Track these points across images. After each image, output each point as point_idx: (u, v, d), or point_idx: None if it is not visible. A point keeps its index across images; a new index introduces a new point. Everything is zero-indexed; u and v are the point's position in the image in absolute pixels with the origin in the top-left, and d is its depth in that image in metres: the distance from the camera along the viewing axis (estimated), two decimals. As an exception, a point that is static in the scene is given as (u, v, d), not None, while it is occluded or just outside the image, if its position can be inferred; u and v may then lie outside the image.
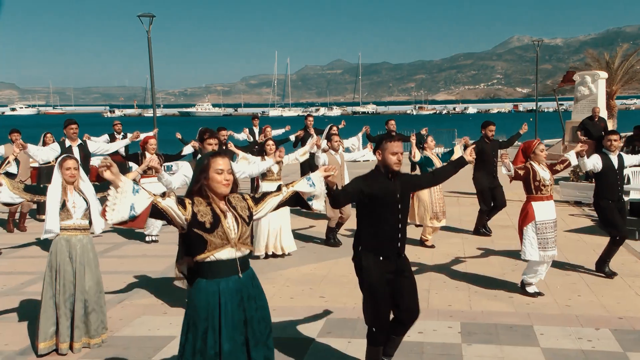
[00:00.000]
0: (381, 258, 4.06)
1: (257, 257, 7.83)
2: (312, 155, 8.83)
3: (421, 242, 8.52)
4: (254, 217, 3.35)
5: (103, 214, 2.95)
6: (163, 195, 3.11)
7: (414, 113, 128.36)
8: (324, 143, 9.07)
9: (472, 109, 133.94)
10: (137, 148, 9.24)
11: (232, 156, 7.67)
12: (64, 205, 4.79)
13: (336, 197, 3.91)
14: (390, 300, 4.09)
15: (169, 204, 3.05)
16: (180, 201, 3.10)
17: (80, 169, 4.97)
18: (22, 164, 10.07)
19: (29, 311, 5.91)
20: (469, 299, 6.14)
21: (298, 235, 9.13)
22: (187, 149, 9.29)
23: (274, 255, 7.94)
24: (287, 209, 7.87)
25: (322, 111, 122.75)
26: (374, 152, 4.18)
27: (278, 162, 7.67)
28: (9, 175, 7.84)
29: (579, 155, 6.67)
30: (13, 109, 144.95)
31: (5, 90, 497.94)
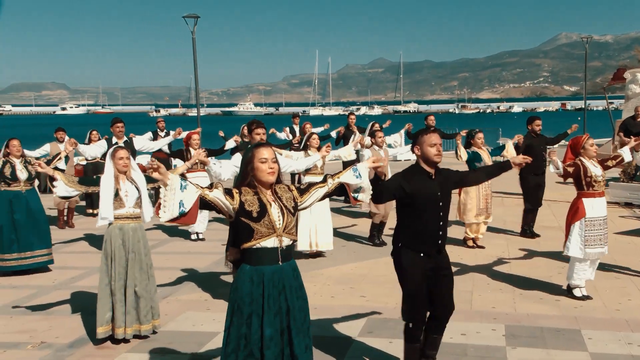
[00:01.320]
0: (421, 255, 4.04)
1: (301, 253, 7.86)
2: (357, 152, 8.82)
3: (464, 242, 8.38)
4: (299, 208, 3.41)
5: (157, 212, 3.08)
6: (210, 187, 3.19)
7: (457, 112, 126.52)
8: (367, 140, 9.07)
9: (517, 108, 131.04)
10: (181, 145, 9.41)
11: None
12: (116, 194, 4.95)
13: (379, 191, 3.89)
14: (428, 296, 4.07)
15: (217, 195, 3.15)
16: (228, 192, 3.20)
17: (132, 159, 5.13)
18: (69, 161, 10.41)
19: (79, 305, 6.10)
20: (514, 301, 6.01)
21: (339, 234, 9.12)
22: (230, 144, 9.40)
23: (314, 255, 7.93)
24: (327, 207, 7.88)
25: (363, 110, 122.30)
26: (412, 149, 4.15)
27: (323, 157, 7.70)
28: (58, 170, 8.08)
29: (633, 150, 6.44)
30: (64, 109, 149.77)
31: (56, 90, 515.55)
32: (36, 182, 8.23)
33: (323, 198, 3.55)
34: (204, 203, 3.13)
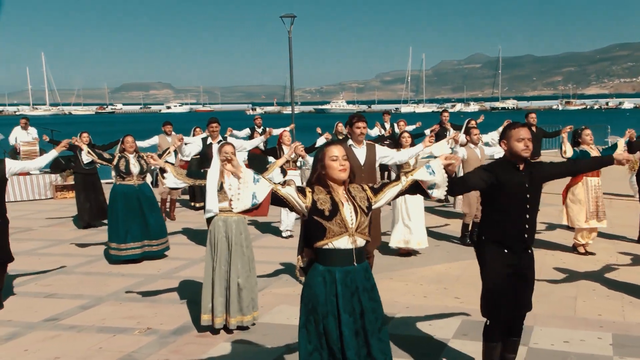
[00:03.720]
0: (505, 250, 3.89)
1: (393, 251, 7.80)
2: (451, 150, 8.59)
3: (574, 248, 7.82)
4: (373, 207, 3.37)
5: (230, 203, 3.14)
6: (283, 184, 3.23)
7: (560, 108, 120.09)
8: (462, 137, 8.82)
9: (628, 104, 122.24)
10: (275, 143, 9.63)
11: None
12: (221, 188, 5.16)
13: (453, 184, 3.72)
14: (510, 294, 3.92)
15: (289, 192, 3.17)
16: (301, 190, 3.22)
17: (237, 154, 5.34)
18: (177, 156, 10.98)
19: (182, 294, 6.42)
20: (622, 309, 5.62)
21: (432, 234, 8.97)
22: (320, 141, 9.50)
23: (406, 254, 7.85)
24: (421, 205, 7.76)
25: (459, 107, 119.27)
26: (499, 143, 3.99)
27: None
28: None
29: None
30: (168, 107, 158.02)
31: (162, 90, 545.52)
32: (148, 178, 8.74)
33: (397, 196, 3.49)
34: (276, 198, 3.15)
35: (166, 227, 8.20)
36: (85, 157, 8.71)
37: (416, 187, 3.50)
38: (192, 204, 12.00)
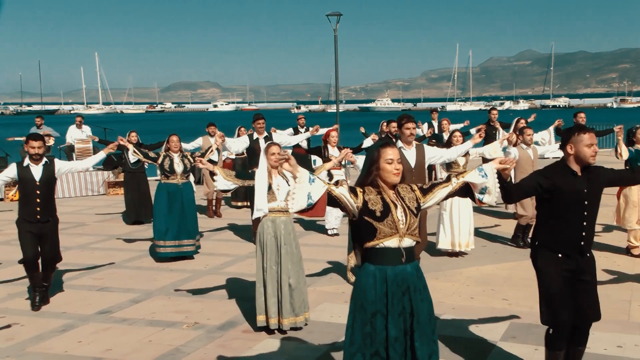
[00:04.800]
0: (560, 255, 3.78)
1: (441, 252, 7.70)
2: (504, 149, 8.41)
3: (627, 251, 7.59)
4: (422, 208, 3.34)
5: (286, 203, 3.17)
6: (336, 184, 3.22)
7: (615, 106, 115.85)
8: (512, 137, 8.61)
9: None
10: (319, 142, 9.63)
11: None
12: (269, 188, 5.20)
13: (508, 190, 3.66)
14: (569, 299, 3.81)
15: (342, 192, 3.18)
16: (352, 190, 3.22)
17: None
18: (219, 155, 11.14)
19: (229, 290, 6.52)
20: (681, 315, 5.39)
21: (480, 234, 8.82)
22: (367, 142, 9.46)
23: (453, 254, 7.74)
24: (469, 206, 7.63)
25: (507, 105, 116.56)
26: (563, 146, 3.87)
27: (465, 155, 7.48)
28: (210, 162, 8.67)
29: None
30: (215, 106, 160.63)
31: (210, 89, 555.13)
32: (192, 177, 8.91)
33: (446, 198, 3.44)
34: (330, 198, 3.17)
35: (198, 228, 8.29)
36: (132, 156, 8.95)
37: (467, 190, 3.45)
38: (234, 203, 12.16)
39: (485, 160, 10.49)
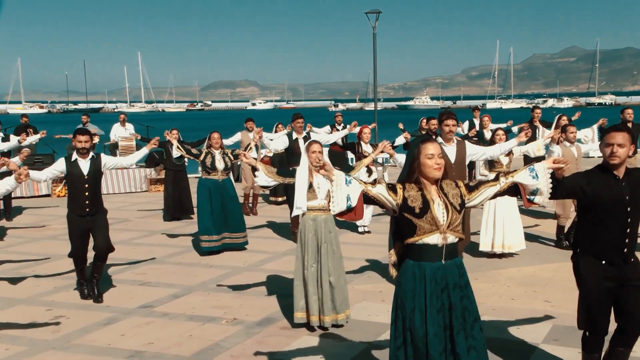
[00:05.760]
0: (603, 262, 3.68)
1: (484, 253, 7.58)
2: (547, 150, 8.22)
3: None
4: (467, 206, 3.30)
5: (328, 203, 3.22)
6: (373, 182, 3.23)
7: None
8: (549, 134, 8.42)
9: None
10: (355, 139, 9.60)
11: None
12: (310, 186, 5.22)
13: (554, 186, 3.52)
14: (608, 307, 3.73)
15: (380, 191, 3.18)
16: (392, 187, 3.21)
17: (325, 152, 5.39)
18: (258, 151, 11.24)
19: (267, 286, 6.58)
20: None
21: (521, 234, 8.64)
22: (399, 140, 9.39)
23: (493, 255, 7.59)
24: (514, 205, 7.48)
25: (551, 102, 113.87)
26: (600, 147, 3.76)
27: (508, 154, 7.34)
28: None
29: None
30: (253, 104, 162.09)
31: (248, 87, 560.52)
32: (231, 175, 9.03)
33: (493, 197, 3.38)
34: (367, 198, 3.18)
35: (245, 222, 8.40)
36: (175, 151, 9.12)
37: (515, 190, 3.37)
38: (272, 198, 12.25)
39: (528, 159, 10.31)
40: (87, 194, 6.11)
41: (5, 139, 10.29)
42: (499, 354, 4.58)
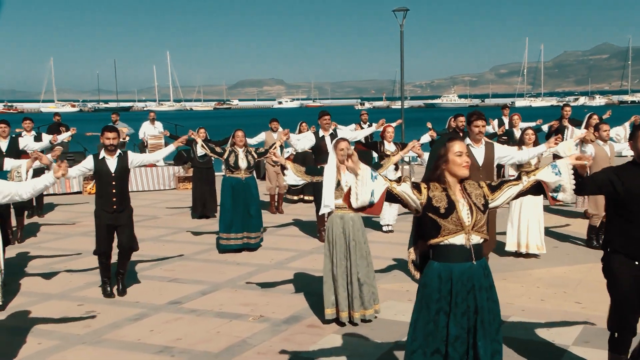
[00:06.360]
0: (636, 263, 3.62)
1: (510, 253, 7.49)
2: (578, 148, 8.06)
3: None
4: (490, 206, 3.25)
5: (347, 199, 3.15)
6: (398, 180, 3.19)
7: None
8: (579, 132, 8.26)
9: None
10: (378, 137, 9.56)
11: None
12: (338, 184, 5.22)
13: (582, 183, 3.45)
14: (639, 308, 3.66)
15: (404, 189, 3.14)
16: (416, 186, 3.17)
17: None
18: (284, 151, 11.28)
19: (293, 284, 6.60)
20: None
21: (551, 234, 8.51)
22: (425, 138, 9.33)
23: (520, 255, 7.49)
24: (539, 205, 7.37)
25: (582, 100, 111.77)
26: (629, 142, 3.68)
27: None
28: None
29: None
30: (280, 102, 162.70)
31: (275, 86, 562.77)
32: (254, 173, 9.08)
33: (517, 197, 3.33)
34: (390, 196, 3.13)
35: (262, 222, 8.42)
36: (200, 150, 9.21)
37: (538, 188, 3.32)
38: (289, 197, 12.26)
39: (557, 158, 10.11)
40: (114, 190, 6.21)
41: (38, 137, 10.53)
42: (527, 356, 4.52)
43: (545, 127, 11.49)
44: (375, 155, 10.04)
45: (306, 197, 12.16)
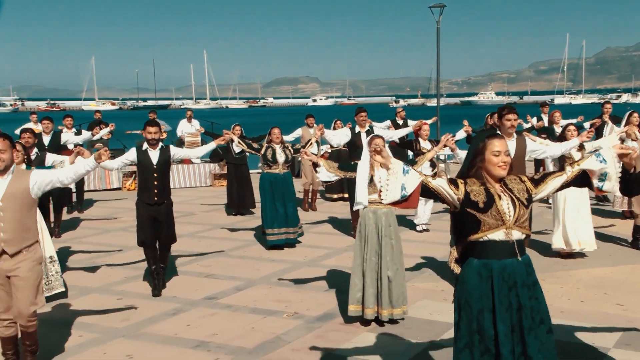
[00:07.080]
0: None
1: (552, 253, 7.32)
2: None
3: None
4: (534, 199, 3.17)
5: (379, 194, 3.12)
6: (434, 176, 3.14)
7: None
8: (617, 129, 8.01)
9: None
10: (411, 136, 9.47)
11: None
12: (371, 180, 5.21)
13: (631, 181, 3.28)
14: None
15: (440, 184, 3.09)
16: (453, 181, 3.11)
17: (387, 147, 5.34)
18: (320, 147, 11.30)
19: (327, 281, 6.62)
20: None
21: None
22: (460, 134, 9.20)
23: (567, 255, 7.30)
24: (586, 202, 7.18)
25: (625, 97, 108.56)
26: None
27: (580, 150, 7.08)
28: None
29: None
30: (314, 100, 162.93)
31: (309, 84, 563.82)
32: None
33: (561, 188, 3.23)
34: (426, 190, 3.08)
35: (299, 217, 8.45)
36: (236, 147, 9.29)
37: (583, 179, 3.21)
38: (328, 195, 12.25)
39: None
40: (155, 182, 6.33)
41: (78, 134, 10.82)
42: (567, 358, 4.42)
43: (587, 125, 11.20)
44: (410, 153, 9.95)
45: (346, 195, 12.15)
